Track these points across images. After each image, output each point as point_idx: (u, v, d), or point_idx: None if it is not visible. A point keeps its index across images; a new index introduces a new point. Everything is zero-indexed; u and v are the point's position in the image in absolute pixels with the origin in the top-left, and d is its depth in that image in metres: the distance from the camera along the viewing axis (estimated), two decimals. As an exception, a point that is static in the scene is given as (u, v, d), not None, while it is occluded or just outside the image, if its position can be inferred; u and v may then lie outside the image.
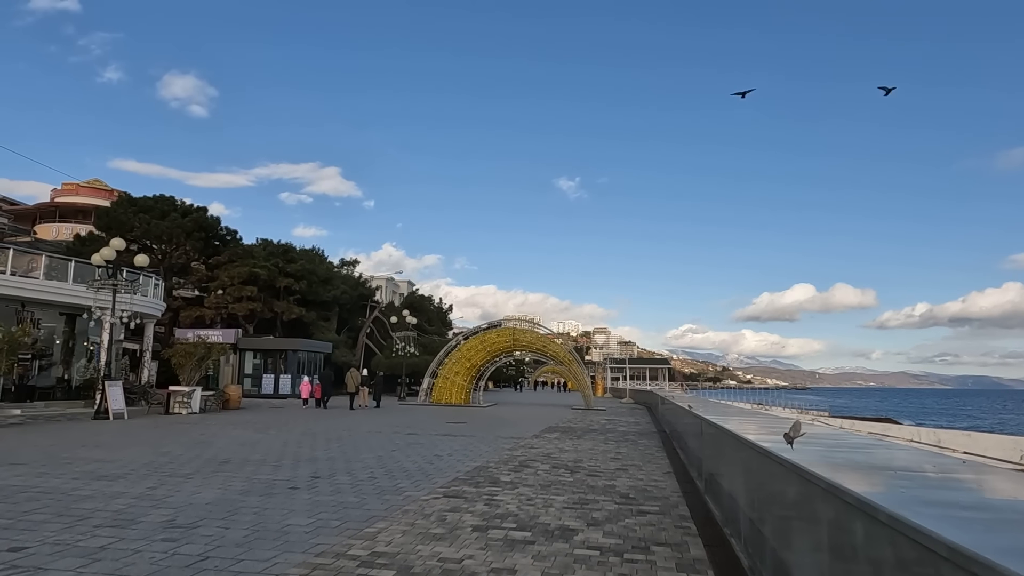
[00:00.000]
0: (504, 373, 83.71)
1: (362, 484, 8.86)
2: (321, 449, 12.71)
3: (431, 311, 65.11)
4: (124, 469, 9.59)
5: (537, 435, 16.98)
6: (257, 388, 35.09)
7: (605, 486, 9.23)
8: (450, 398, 32.19)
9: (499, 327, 34.81)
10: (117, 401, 18.30)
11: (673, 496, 8.66)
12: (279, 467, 10.20)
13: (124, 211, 38.79)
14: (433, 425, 19.30)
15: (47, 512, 6.73)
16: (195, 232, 39.50)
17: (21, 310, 20.68)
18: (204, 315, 38.13)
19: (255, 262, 40.28)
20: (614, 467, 11.21)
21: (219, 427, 16.84)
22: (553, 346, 35.72)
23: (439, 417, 22.86)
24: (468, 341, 34.16)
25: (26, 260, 21.79)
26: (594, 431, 18.75)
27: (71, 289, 20.44)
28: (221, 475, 9.28)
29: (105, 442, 13.04)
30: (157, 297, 26.83)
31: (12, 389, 21.52)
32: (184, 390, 20.90)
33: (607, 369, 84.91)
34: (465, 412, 26.34)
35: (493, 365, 36.11)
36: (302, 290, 42.42)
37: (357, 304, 49.87)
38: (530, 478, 9.73)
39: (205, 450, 12.05)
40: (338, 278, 48.30)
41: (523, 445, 14.37)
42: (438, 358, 33.64)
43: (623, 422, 22.94)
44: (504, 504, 7.73)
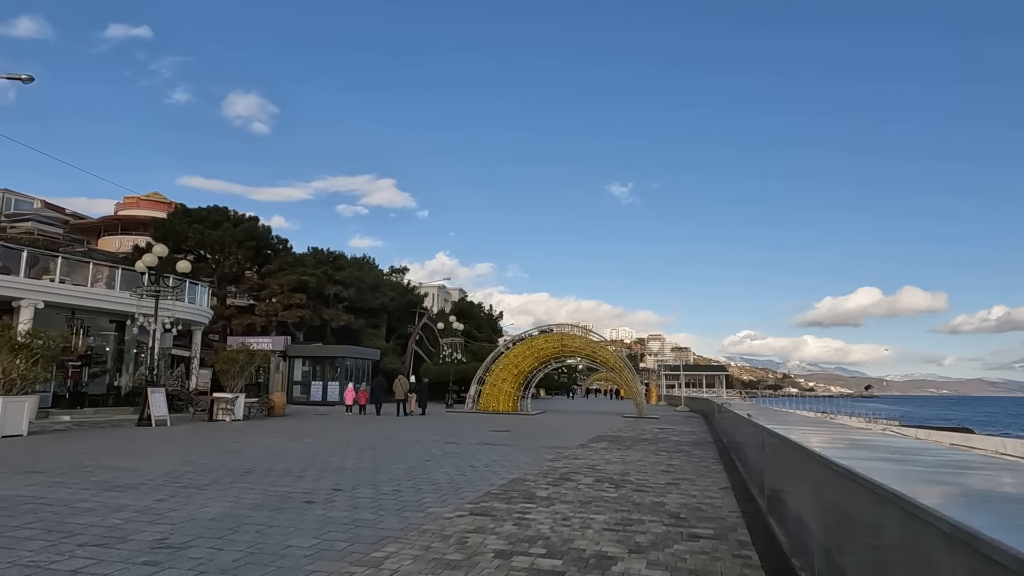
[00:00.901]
0: (555, 380, 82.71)
1: (384, 498, 8.12)
2: (352, 459, 12.08)
3: (480, 318, 64.70)
4: (140, 479, 9.13)
5: (583, 444, 16.00)
6: (306, 395, 35.14)
7: (653, 504, 8.24)
8: (497, 405, 31.43)
9: (548, 333, 33.92)
10: (160, 408, 18.22)
11: (731, 517, 7.60)
12: (301, 478, 9.58)
13: (180, 222, 39.73)
14: (475, 433, 18.54)
15: (37, 527, 6.21)
16: (246, 241, 40.11)
17: (71, 317, 21.00)
18: (255, 323, 38.53)
19: (304, 270, 40.61)
20: (664, 481, 10.17)
21: (256, 435, 16.49)
22: (604, 352, 34.59)
23: (483, 425, 22.10)
24: (515, 347, 33.39)
25: (87, 270, 22.17)
26: (645, 441, 17.63)
27: (118, 296, 20.62)
28: (238, 486, 8.70)
29: (136, 449, 12.75)
30: (204, 304, 27.02)
31: (66, 395, 21.89)
32: (227, 397, 20.77)
33: (661, 376, 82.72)
34: (511, 420, 25.51)
35: (541, 372, 35.20)
36: (350, 297, 42.57)
37: (406, 311, 49.79)
38: (569, 493, 8.81)
39: (231, 459, 11.58)
40: (386, 285, 48.35)
41: (566, 455, 13.44)
42: (485, 364, 32.97)
43: (677, 431, 21.69)
44: (536, 524, 6.85)
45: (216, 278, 40.69)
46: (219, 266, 39.97)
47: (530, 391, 34.82)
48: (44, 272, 20.45)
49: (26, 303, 18.71)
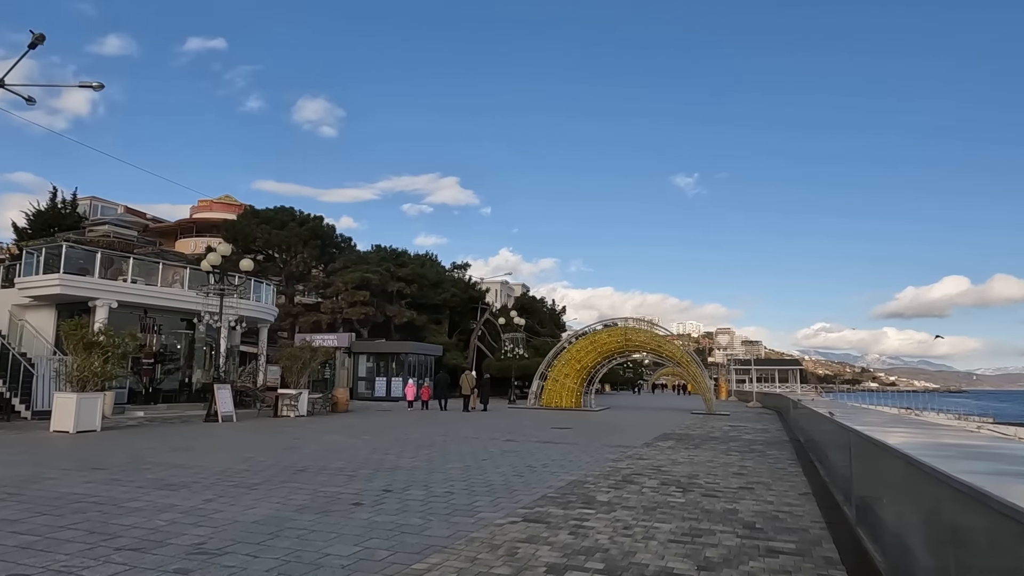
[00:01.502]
0: (620, 375, 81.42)
1: (434, 501, 7.72)
2: (407, 457, 11.79)
3: (543, 313, 64.15)
4: (194, 477, 9.06)
5: (648, 443, 15.26)
6: (370, 391, 35.53)
7: (725, 511, 7.53)
8: (560, 401, 30.85)
9: (611, 327, 33.07)
10: (226, 404, 18.55)
11: (814, 527, 6.83)
12: (353, 477, 9.31)
13: (248, 223, 40.90)
14: (535, 430, 18.05)
15: (81, 528, 6.09)
16: (311, 240, 40.90)
17: (144, 316, 21.73)
18: (321, 320, 39.23)
19: (368, 267, 41.09)
20: (737, 485, 9.40)
21: (316, 431, 16.52)
22: (670, 346, 33.44)
23: (545, 421, 21.59)
24: (578, 342, 32.72)
25: (159, 271, 22.96)
26: (714, 439, 16.72)
27: (187, 295, 21.16)
28: (288, 486, 8.50)
29: (197, 446, 12.87)
30: (269, 302, 27.56)
31: (143, 392, 22.69)
32: (291, 393, 21.02)
33: (731, 371, 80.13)
34: (573, 416, 24.91)
35: (605, 367, 34.37)
36: (413, 294, 42.81)
37: (468, 307, 49.78)
38: (632, 498, 8.19)
39: (288, 456, 11.48)
40: (448, 281, 48.44)
41: (630, 455, 12.76)
42: (547, 360, 32.44)
43: (749, 429, 20.58)
44: (594, 533, 6.29)
45: (284, 277, 41.72)
46: (286, 265, 40.93)
47: (593, 387, 34.07)
48: (119, 273, 21.20)
49: (101, 303, 19.42)
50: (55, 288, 18.76)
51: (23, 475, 8.93)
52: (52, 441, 13.27)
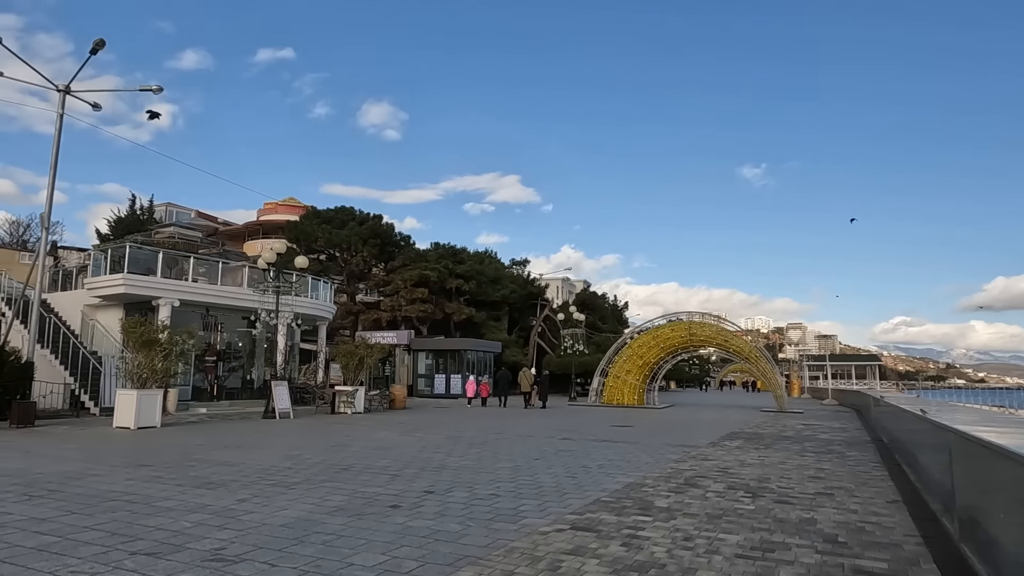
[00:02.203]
0: (686, 372, 79.21)
1: (477, 504, 7.17)
2: (456, 455, 11.31)
3: (604, 309, 63.03)
4: (236, 475, 8.82)
5: (714, 443, 14.30)
6: (430, 388, 35.50)
7: (801, 520, 6.67)
8: (622, 398, 29.91)
9: (675, 322, 31.86)
10: (283, 401, 18.60)
11: (908, 542, 5.91)
12: (396, 477, 8.87)
13: (310, 223, 41.59)
14: (594, 428, 17.32)
15: (106, 529, 5.83)
16: (371, 239, 41.21)
17: (206, 315, 22.16)
18: (381, 318, 39.49)
19: (426, 264, 41.13)
20: (814, 490, 8.46)
21: (370, 428, 16.30)
22: (737, 341, 31.94)
23: (605, 419, 20.81)
24: (640, 337, 31.65)
25: (223, 270, 23.45)
26: (787, 439, 15.57)
27: (245, 294, 21.42)
28: (328, 486, 8.12)
29: (248, 443, 12.78)
30: (327, 300, 27.75)
31: (206, 389, 23.18)
32: (348, 390, 20.98)
33: (804, 367, 76.69)
34: (635, 414, 23.99)
35: (669, 363, 33.16)
36: (471, 290, 42.61)
37: (527, 303, 49.26)
38: (695, 504, 7.41)
39: (335, 454, 11.19)
40: (507, 277, 48.05)
41: (694, 456, 11.89)
42: (607, 356, 31.54)
43: (825, 428, 19.22)
44: (649, 545, 5.58)
45: (345, 275, 42.26)
46: (347, 264, 41.42)
47: (657, 383, 32.93)
48: (183, 273, 21.67)
49: (164, 302, 19.86)
50: (119, 288, 19.30)
51: (71, 471, 8.90)
52: (111, 437, 13.46)
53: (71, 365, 18.81)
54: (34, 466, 9.32)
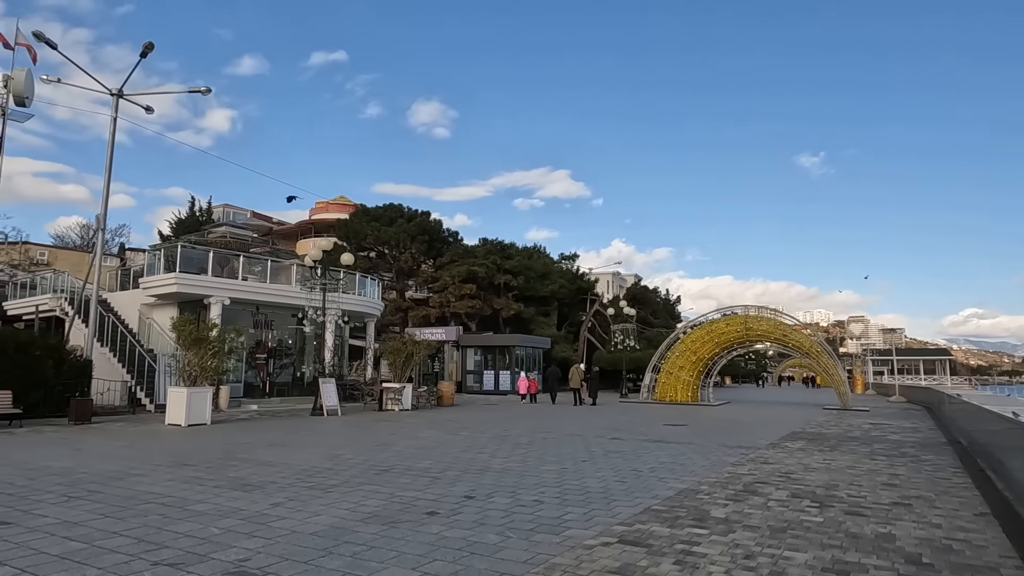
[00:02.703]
0: (742, 368, 77.05)
1: (519, 512, 6.75)
2: (501, 456, 10.92)
3: (656, 303, 61.76)
4: (275, 476, 8.64)
5: (775, 444, 13.51)
6: (479, 384, 35.32)
7: (877, 536, 6.01)
8: (675, 395, 29.05)
9: (729, 315, 30.75)
10: (331, 398, 18.62)
11: (1006, 566, 5.20)
12: (437, 480, 8.53)
13: (359, 221, 41.95)
14: (646, 427, 16.69)
15: (134, 535, 5.65)
16: (419, 236, 41.28)
17: (256, 312, 22.43)
18: (430, 314, 39.52)
19: (474, 260, 40.97)
20: (889, 500, 7.72)
21: (416, 426, 16.08)
22: (796, 335, 30.60)
23: (657, 417, 20.11)
24: (693, 332, 30.68)
25: (273, 269, 23.74)
26: (854, 439, 14.62)
27: (293, 291, 21.56)
28: (365, 489, 7.84)
29: (293, 441, 12.69)
30: (375, 296, 27.81)
31: (259, 386, 23.50)
32: (395, 387, 20.88)
33: (867, 362, 73.57)
34: (689, 412, 23.17)
35: (724, 358, 32.05)
36: (520, 286, 42.25)
37: (576, 298, 48.59)
38: (756, 514, 6.81)
39: (377, 454, 10.95)
40: (556, 272, 47.50)
41: (753, 458, 11.19)
42: (659, 351, 30.70)
43: (895, 427, 18.07)
44: (706, 564, 5.05)
45: (394, 272, 42.51)
46: (396, 261, 41.62)
47: (711, 379, 31.87)
48: (234, 272, 21.96)
49: (215, 300, 20.16)
50: (172, 287, 19.67)
51: (115, 471, 8.89)
52: (161, 435, 13.60)
53: (128, 363, 19.28)
54: (81, 465, 9.37)
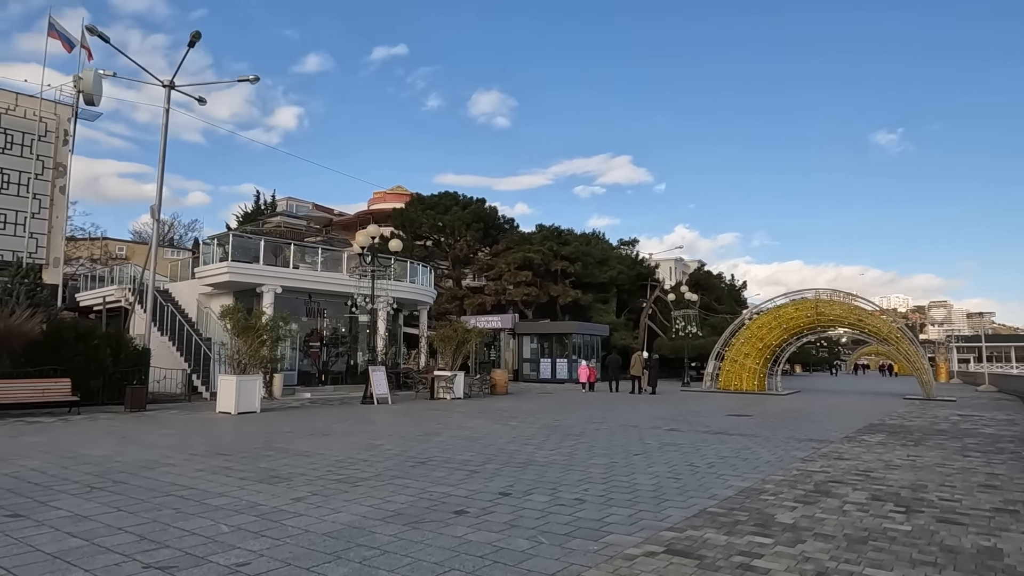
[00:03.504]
0: (812, 355, 73.80)
1: (556, 513, 6.08)
2: (547, 448, 10.27)
3: (720, 289, 59.59)
4: (306, 467, 8.26)
5: (850, 437, 12.36)
6: (535, 372, 34.75)
7: (981, 551, 5.05)
8: (740, 384, 27.71)
9: (798, 300, 29.06)
10: (381, 386, 18.39)
11: None
12: (474, 474, 7.96)
13: (414, 209, 41.95)
14: (707, 418, 15.70)
15: (140, 531, 5.29)
16: (474, 223, 40.93)
17: (309, 301, 22.47)
18: (485, 302, 39.17)
19: (530, 247, 40.34)
20: (989, 505, 6.66)
21: (464, 415, 15.62)
22: (874, 320, 28.64)
23: (720, 407, 19.03)
24: (760, 318, 29.18)
25: (330, 257, 23.78)
26: (941, 433, 13.27)
27: (344, 279, 21.46)
28: (395, 483, 7.34)
29: (337, 430, 12.40)
30: (427, 284, 27.55)
31: (316, 374, 23.61)
32: (446, 375, 20.52)
33: (951, 349, 69.12)
34: (755, 401, 21.92)
35: (793, 345, 30.39)
36: (577, 272, 41.39)
37: (636, 284, 47.32)
38: (829, 520, 5.92)
39: (418, 445, 10.49)
40: (614, 258, 46.37)
41: (826, 453, 10.16)
42: (723, 338, 29.38)
43: (987, 419, 16.46)
44: (769, 583, 4.27)
45: (450, 260, 42.35)
46: (451, 249, 41.43)
47: (779, 367, 30.28)
48: (287, 261, 22.03)
49: (267, 288, 20.24)
50: (224, 276, 19.85)
51: (148, 460, 8.71)
52: (209, 423, 13.58)
53: (186, 351, 19.60)
54: (119, 453, 9.26)
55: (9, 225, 27.41)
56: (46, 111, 28.76)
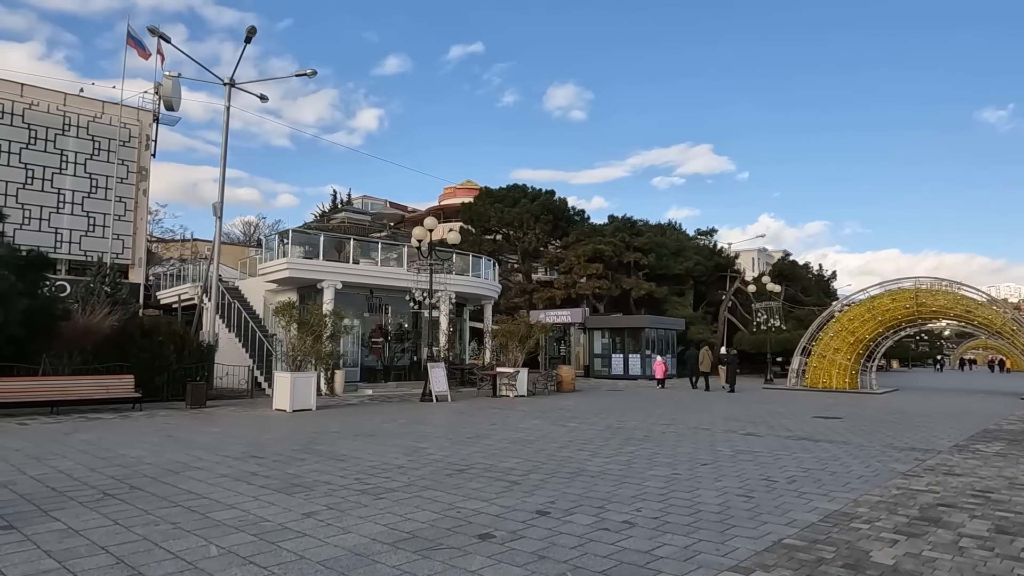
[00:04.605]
0: (911, 349, 68.69)
1: (597, 540, 5.14)
2: (604, 455, 9.28)
3: (807, 279, 56.09)
4: (334, 474, 7.64)
5: (961, 446, 10.70)
6: (607, 368, 33.53)
7: None
8: (828, 381, 25.61)
9: (895, 290, 26.58)
10: (439, 384, 17.84)
11: None
12: (515, 486, 7.11)
13: (483, 203, 41.46)
14: (790, 420, 14.23)
15: (120, 552, 4.73)
16: (543, 215, 40.04)
17: (371, 296, 22.22)
18: (555, 296, 38.19)
19: (601, 239, 39.07)
20: None
21: (523, 415, 14.78)
22: (983, 311, 25.79)
23: (805, 407, 17.39)
24: (851, 310, 26.88)
25: (392, 252, 23.57)
26: (1075, 442, 11.34)
27: (407, 274, 21.06)
28: (424, 496, 6.59)
29: (385, 431, 11.83)
30: (491, 278, 26.86)
31: (381, 370, 23.41)
32: (508, 372, 19.75)
33: (1074, 342, 62.44)
34: (846, 401, 20.02)
35: (889, 339, 27.84)
36: (651, 264, 39.78)
37: (714, 276, 45.09)
38: (943, 561, 4.71)
39: (463, 449, 9.73)
40: (691, 249, 44.30)
41: (933, 467, 8.68)
42: (809, 332, 27.31)
43: None
44: (862, 660, 3.18)
45: (519, 254, 41.64)
46: (520, 242, 40.70)
47: (874, 363, 27.83)
48: (348, 257, 21.84)
49: (327, 284, 20.07)
50: (284, 272, 19.82)
51: (178, 463, 8.34)
52: (260, 421, 13.33)
53: (251, 347, 19.70)
54: (153, 454, 8.97)
55: (97, 227, 28.74)
56: (129, 117, 30.00)
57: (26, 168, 26.91)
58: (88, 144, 28.27)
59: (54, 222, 27.34)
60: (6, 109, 26.69)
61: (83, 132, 28.29)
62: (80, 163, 28.06)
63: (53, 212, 27.38)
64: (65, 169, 27.73)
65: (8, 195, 26.56)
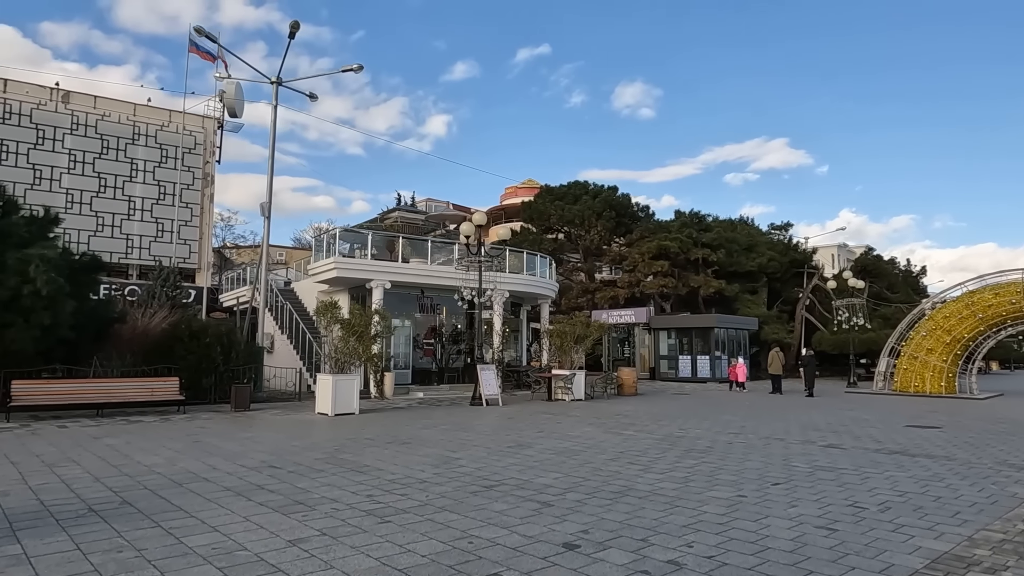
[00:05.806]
0: (1014, 350, 63.09)
1: (631, 589, 4.07)
2: (658, 470, 8.12)
3: (893, 275, 52.28)
4: (345, 490, 6.83)
5: (1095, 464, 8.93)
6: (674, 370, 31.88)
7: None
8: (921, 385, 23.27)
9: (997, 283, 23.93)
10: (490, 386, 16.97)
11: None
12: (546, 508, 6.09)
13: (543, 201, 40.51)
14: (878, 429, 12.56)
15: (58, 588, 4.01)
16: (605, 212, 38.69)
17: (422, 296, 21.59)
18: (618, 295, 36.76)
19: (666, 235, 37.38)
20: None
21: (575, 421, 13.70)
22: (1104, 306, 22.81)
23: (896, 414, 15.54)
24: (946, 306, 24.40)
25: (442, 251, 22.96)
26: None
27: (453, 272, 20.31)
28: (436, 520, 5.67)
29: (422, 438, 11.00)
30: (548, 276, 25.81)
31: (436, 371, 22.79)
32: (564, 374, 18.67)
33: None
34: (943, 407, 17.93)
35: (992, 339, 25.10)
36: (720, 261, 37.76)
37: (790, 272, 42.47)
38: (1111, 641, 3.38)
39: (499, 460, 8.76)
40: (763, 244, 41.90)
41: (1065, 492, 7.09)
42: (898, 331, 24.98)
43: None
44: None
45: (581, 252, 40.42)
46: (582, 240, 39.49)
47: (974, 365, 25.17)
48: (398, 256, 21.30)
49: (375, 283, 19.54)
50: (332, 272, 19.40)
51: (191, 472, 7.75)
52: (297, 425, 12.78)
53: (301, 349, 19.41)
54: (170, 462, 8.43)
55: (166, 233, 29.46)
56: (194, 124, 30.66)
57: (99, 177, 27.84)
58: (156, 152, 29.03)
59: (125, 228, 28.18)
60: (80, 121, 27.69)
61: (151, 141, 29.05)
62: (149, 171, 28.82)
63: (124, 219, 28.22)
64: (135, 177, 28.55)
65: (83, 203, 27.57)
